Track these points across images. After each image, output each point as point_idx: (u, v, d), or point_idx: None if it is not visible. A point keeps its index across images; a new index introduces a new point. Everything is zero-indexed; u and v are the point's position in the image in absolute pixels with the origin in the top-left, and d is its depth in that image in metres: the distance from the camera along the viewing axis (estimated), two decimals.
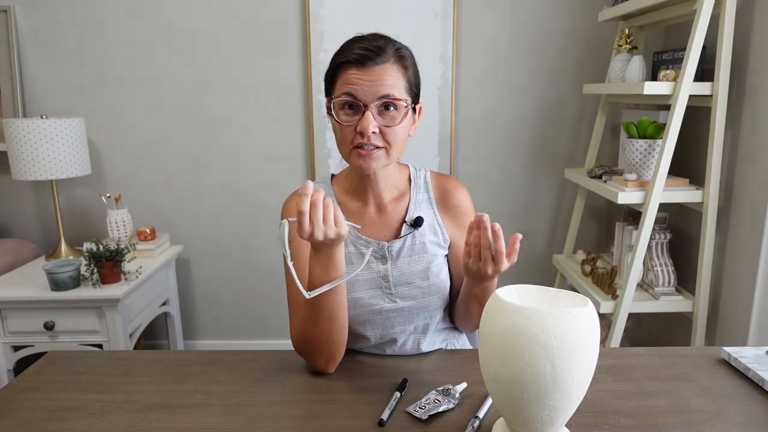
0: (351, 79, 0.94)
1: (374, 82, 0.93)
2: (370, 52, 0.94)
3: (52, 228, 2.48)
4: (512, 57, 2.35)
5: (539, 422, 0.71)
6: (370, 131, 0.93)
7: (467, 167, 2.45)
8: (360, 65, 0.94)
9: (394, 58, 0.96)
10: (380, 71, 0.94)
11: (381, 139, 0.96)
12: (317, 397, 0.91)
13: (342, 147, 0.98)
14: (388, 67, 0.95)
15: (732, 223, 1.73)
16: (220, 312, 2.60)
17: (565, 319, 0.67)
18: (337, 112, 0.96)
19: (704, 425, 0.81)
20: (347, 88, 0.94)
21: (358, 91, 0.93)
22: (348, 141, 0.96)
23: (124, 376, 0.98)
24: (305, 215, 0.81)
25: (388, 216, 1.08)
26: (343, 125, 0.95)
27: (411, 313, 1.05)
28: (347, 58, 0.95)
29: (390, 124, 0.96)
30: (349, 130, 0.95)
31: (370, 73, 0.94)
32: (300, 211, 0.81)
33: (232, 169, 2.44)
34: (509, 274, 2.55)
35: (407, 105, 0.97)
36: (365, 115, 0.93)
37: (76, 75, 2.34)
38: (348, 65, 0.95)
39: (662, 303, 1.82)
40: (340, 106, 0.96)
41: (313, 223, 0.82)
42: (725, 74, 1.64)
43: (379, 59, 0.94)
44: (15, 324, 1.91)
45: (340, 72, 0.96)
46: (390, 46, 0.97)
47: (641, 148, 1.76)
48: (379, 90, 0.94)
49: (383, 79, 0.94)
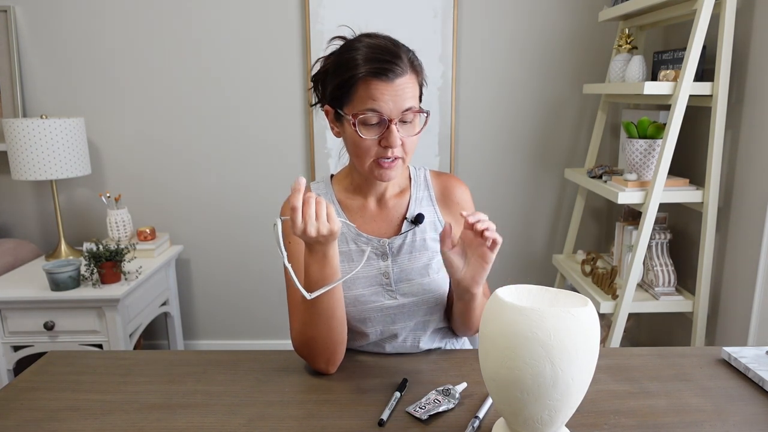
0: (375, 95, 0.92)
1: (398, 97, 0.92)
2: (394, 65, 0.92)
3: (52, 228, 2.48)
4: (512, 57, 2.35)
5: (539, 422, 0.71)
6: (397, 145, 0.94)
7: (467, 167, 2.45)
8: (385, 79, 0.92)
9: (410, 67, 0.96)
10: (402, 84, 0.93)
11: (401, 149, 0.96)
12: (317, 397, 0.91)
13: (361, 159, 0.97)
14: (407, 79, 0.94)
15: (732, 223, 1.73)
16: (220, 312, 2.60)
17: (565, 319, 0.67)
18: (359, 126, 0.94)
19: (704, 425, 0.81)
20: (372, 104, 0.92)
21: (384, 107, 0.92)
22: (370, 154, 0.96)
23: (124, 376, 0.98)
24: (298, 211, 0.81)
25: (389, 213, 1.09)
26: (365, 140, 0.94)
27: (412, 310, 1.05)
28: (369, 73, 0.92)
29: (409, 134, 0.96)
30: (372, 143, 0.95)
31: (393, 86, 0.92)
32: (292, 206, 0.81)
33: (232, 169, 2.44)
34: (509, 274, 2.55)
35: (426, 115, 0.98)
36: (390, 130, 0.93)
37: (76, 75, 2.34)
38: (370, 79, 0.92)
39: (662, 303, 1.82)
40: (362, 121, 0.94)
41: (306, 220, 0.82)
42: (725, 74, 1.64)
43: (399, 70, 0.93)
44: (15, 324, 1.91)
45: (360, 85, 0.93)
46: (405, 55, 0.96)
47: (641, 148, 1.76)
48: (402, 104, 0.93)
49: (405, 92, 0.93)
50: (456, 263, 0.94)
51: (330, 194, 1.10)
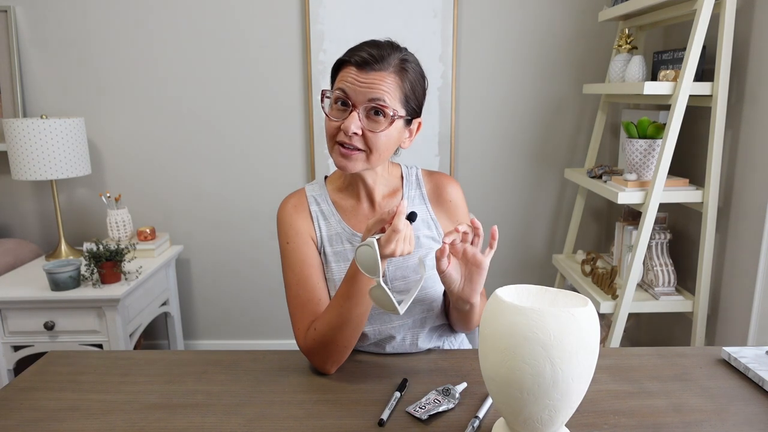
0: (347, 78, 0.97)
1: (367, 86, 0.95)
2: (372, 58, 0.96)
3: (52, 228, 2.48)
4: (512, 57, 2.35)
5: (539, 422, 0.71)
6: (351, 131, 0.95)
7: (467, 167, 2.45)
8: (359, 67, 0.96)
9: (395, 68, 0.97)
10: (377, 77, 0.96)
11: (362, 141, 0.98)
12: (317, 397, 0.91)
13: (327, 140, 1.02)
14: (385, 75, 0.96)
15: (732, 223, 1.73)
16: (220, 312, 2.60)
17: (565, 319, 0.67)
18: (330, 106, 0.99)
19: (704, 425, 0.81)
20: (342, 85, 0.97)
21: (350, 90, 0.96)
22: (332, 135, 1.00)
23: (124, 376, 0.98)
24: (400, 234, 0.87)
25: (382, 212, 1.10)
26: (330, 120, 0.99)
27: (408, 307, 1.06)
28: (350, 58, 0.98)
29: (373, 129, 0.97)
30: (335, 126, 0.98)
31: (366, 76, 0.96)
32: (396, 228, 0.86)
33: (232, 169, 2.44)
34: (509, 274, 2.55)
35: (395, 115, 0.97)
36: (351, 115, 0.96)
37: (76, 75, 2.34)
38: (349, 65, 0.98)
39: (662, 303, 1.82)
40: (333, 101, 0.99)
41: (399, 242, 0.87)
42: (725, 74, 1.64)
43: (378, 66, 0.96)
44: (15, 324, 1.91)
45: (342, 69, 0.99)
46: (395, 57, 0.98)
47: (641, 148, 1.76)
48: (369, 93, 0.95)
49: (378, 84, 0.96)
50: (454, 278, 0.94)
51: (324, 195, 1.11)
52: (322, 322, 0.97)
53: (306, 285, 1.02)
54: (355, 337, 0.96)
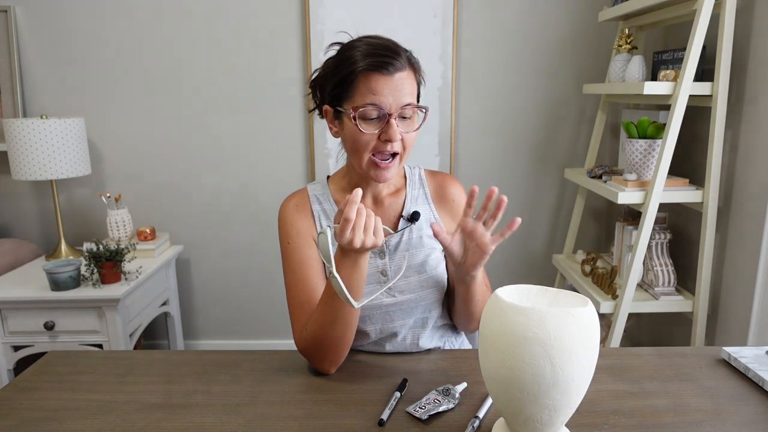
0: (375, 88, 0.93)
1: (397, 91, 0.94)
2: (393, 60, 0.94)
3: (52, 228, 2.48)
4: (512, 57, 2.35)
5: (539, 422, 0.71)
6: (398, 139, 0.95)
7: (467, 167, 2.45)
8: (385, 74, 0.93)
9: (408, 64, 0.97)
10: (401, 79, 0.95)
11: (400, 145, 0.97)
12: (317, 397, 0.91)
13: (358, 154, 0.98)
14: (406, 75, 0.96)
15: (732, 223, 1.73)
16: (220, 312, 2.60)
17: (565, 319, 0.67)
18: (359, 120, 0.95)
19: (704, 425, 0.81)
20: (372, 98, 0.93)
21: (383, 101, 0.94)
22: (368, 148, 0.97)
23: (124, 376, 0.98)
24: (350, 222, 0.82)
25: (385, 212, 1.10)
26: (365, 133, 0.95)
27: (410, 307, 1.06)
28: (369, 67, 0.93)
29: (408, 130, 0.97)
30: (371, 138, 0.96)
31: (393, 80, 0.94)
32: (346, 218, 0.82)
33: (232, 169, 2.44)
34: (509, 274, 2.55)
35: (424, 111, 0.99)
36: (390, 124, 0.94)
37: (76, 75, 2.34)
38: (369, 72, 0.94)
39: (662, 303, 1.82)
40: (362, 116, 0.95)
41: (355, 231, 0.83)
42: (725, 74, 1.64)
43: (398, 65, 0.94)
44: (15, 324, 1.91)
45: (360, 79, 0.94)
46: (403, 52, 0.98)
47: (641, 148, 1.76)
48: (401, 99, 0.95)
49: (405, 87, 0.95)
50: (455, 252, 0.96)
51: (326, 194, 1.11)
52: (312, 322, 0.97)
53: (305, 286, 1.02)
54: (348, 335, 0.95)
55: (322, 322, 0.94)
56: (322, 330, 0.94)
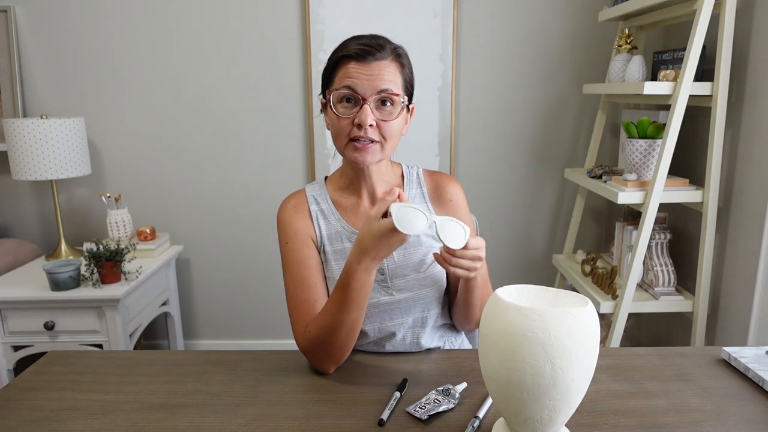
0: (351, 73, 0.96)
1: (374, 77, 0.96)
2: (370, 48, 0.97)
3: (52, 228, 2.48)
4: (512, 57, 2.35)
5: (539, 422, 0.71)
6: (368, 123, 0.96)
7: (467, 167, 2.45)
8: (360, 59, 0.96)
9: (392, 55, 0.99)
10: (379, 66, 0.97)
11: (377, 133, 0.98)
12: (317, 397, 0.91)
13: (338, 140, 1.00)
14: (386, 64, 0.97)
15: (732, 223, 1.73)
16: (220, 312, 2.60)
17: (565, 319, 0.67)
18: (336, 105, 0.98)
19: (704, 425, 0.81)
20: (347, 81, 0.96)
21: (358, 84, 0.96)
22: (345, 133, 0.98)
23: (124, 376, 0.98)
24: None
25: None
26: (340, 117, 0.97)
27: (408, 305, 1.06)
28: (347, 53, 0.97)
29: (387, 119, 0.98)
30: (347, 123, 0.98)
31: (369, 67, 0.96)
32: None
33: (232, 169, 2.44)
34: (509, 274, 2.55)
35: (404, 101, 0.99)
36: (363, 108, 0.96)
37: (76, 75, 2.34)
38: (348, 59, 0.97)
39: (662, 303, 1.82)
40: (339, 99, 0.98)
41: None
42: (725, 74, 1.64)
43: (379, 55, 0.97)
44: (15, 324, 1.91)
45: (340, 66, 0.98)
46: (388, 45, 1.00)
47: (641, 148, 1.76)
48: (377, 84, 0.96)
49: (382, 74, 0.96)
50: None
51: (324, 194, 1.11)
52: (315, 325, 0.97)
53: (304, 285, 1.03)
54: (351, 340, 0.96)
55: (326, 329, 0.95)
56: (325, 335, 0.95)
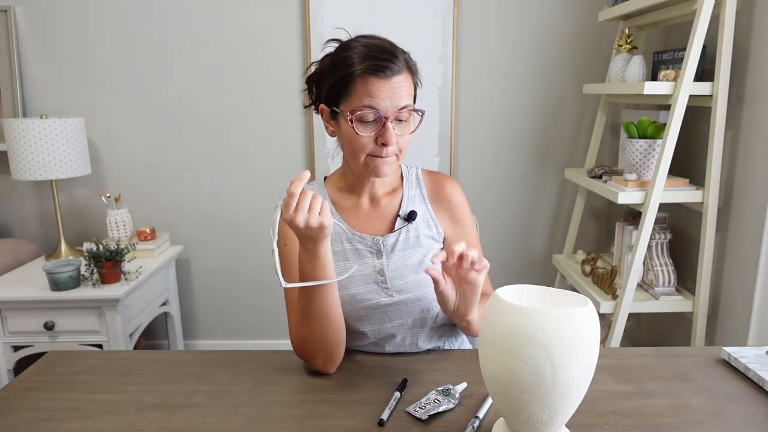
0: (372, 91, 0.93)
1: (395, 94, 0.94)
2: (391, 63, 0.94)
3: (52, 228, 2.48)
4: (512, 57, 2.35)
5: (539, 422, 0.71)
6: (394, 143, 0.95)
7: (467, 167, 2.45)
8: (382, 76, 0.93)
9: (406, 67, 0.97)
10: (399, 82, 0.95)
11: (395, 148, 0.98)
12: (317, 397, 0.91)
13: (356, 156, 0.99)
14: (403, 78, 0.96)
15: (732, 223, 1.73)
16: (220, 312, 2.60)
17: (565, 319, 0.67)
18: (355, 122, 0.95)
19: (704, 425, 0.81)
20: (369, 101, 0.94)
21: (380, 104, 0.94)
22: (365, 151, 0.97)
23: (124, 376, 0.98)
24: (294, 197, 0.82)
25: (382, 211, 1.10)
26: (361, 136, 0.96)
27: (407, 306, 1.06)
28: (369, 71, 0.93)
29: (404, 133, 0.98)
30: (368, 140, 0.96)
31: (390, 84, 0.94)
32: (290, 193, 0.83)
33: (232, 169, 2.44)
34: (509, 274, 2.55)
35: (420, 114, 0.99)
36: (386, 127, 0.95)
37: (76, 75, 2.34)
38: (367, 76, 0.94)
39: (662, 303, 1.82)
40: (359, 118, 0.95)
41: (298, 208, 0.83)
42: (725, 74, 1.64)
43: (397, 69, 0.95)
44: (15, 324, 1.91)
45: (358, 82, 0.94)
46: (401, 55, 0.97)
47: (641, 148, 1.76)
48: (398, 102, 0.95)
49: (401, 89, 0.95)
50: (449, 296, 0.93)
51: (323, 195, 1.11)
52: (295, 324, 0.98)
53: None
54: (330, 332, 0.94)
55: (299, 319, 0.96)
56: (303, 328, 0.96)
